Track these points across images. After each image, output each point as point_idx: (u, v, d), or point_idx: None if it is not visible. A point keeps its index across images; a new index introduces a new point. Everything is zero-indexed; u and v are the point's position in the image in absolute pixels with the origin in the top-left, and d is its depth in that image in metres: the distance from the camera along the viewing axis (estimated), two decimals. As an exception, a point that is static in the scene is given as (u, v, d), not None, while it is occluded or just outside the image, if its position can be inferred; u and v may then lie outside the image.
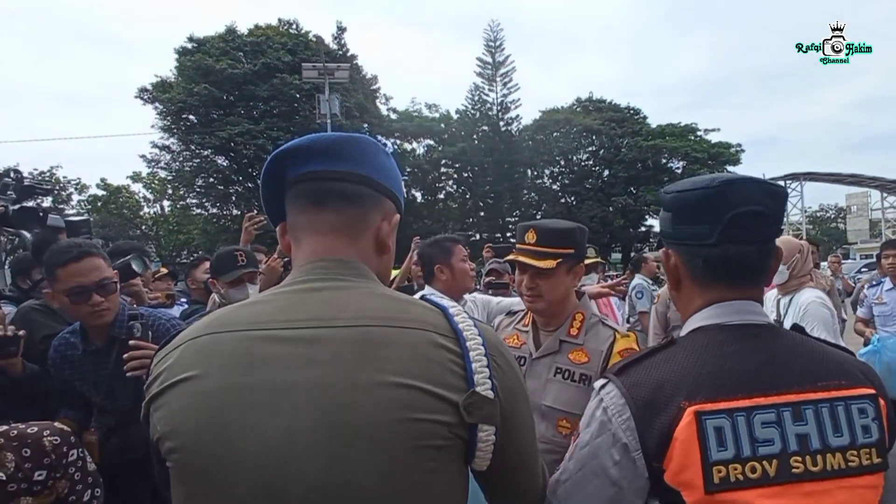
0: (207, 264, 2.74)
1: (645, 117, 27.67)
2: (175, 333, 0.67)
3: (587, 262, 3.43)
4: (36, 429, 1.20)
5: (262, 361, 0.59)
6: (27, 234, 2.05)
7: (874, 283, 3.95)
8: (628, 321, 4.83)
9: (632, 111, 27.69)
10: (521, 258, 1.42)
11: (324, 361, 0.58)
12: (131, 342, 1.53)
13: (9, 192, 1.97)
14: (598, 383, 0.80)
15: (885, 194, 29.57)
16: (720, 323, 0.78)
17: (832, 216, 46.46)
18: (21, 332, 1.63)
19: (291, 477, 0.55)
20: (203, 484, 0.58)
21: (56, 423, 1.26)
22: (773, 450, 0.69)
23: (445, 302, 0.69)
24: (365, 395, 0.57)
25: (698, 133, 26.66)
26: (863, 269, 16.20)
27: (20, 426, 1.19)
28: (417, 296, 0.96)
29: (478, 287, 3.14)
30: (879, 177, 29.59)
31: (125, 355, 1.51)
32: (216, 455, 0.57)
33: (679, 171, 26.66)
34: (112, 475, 1.48)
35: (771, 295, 2.66)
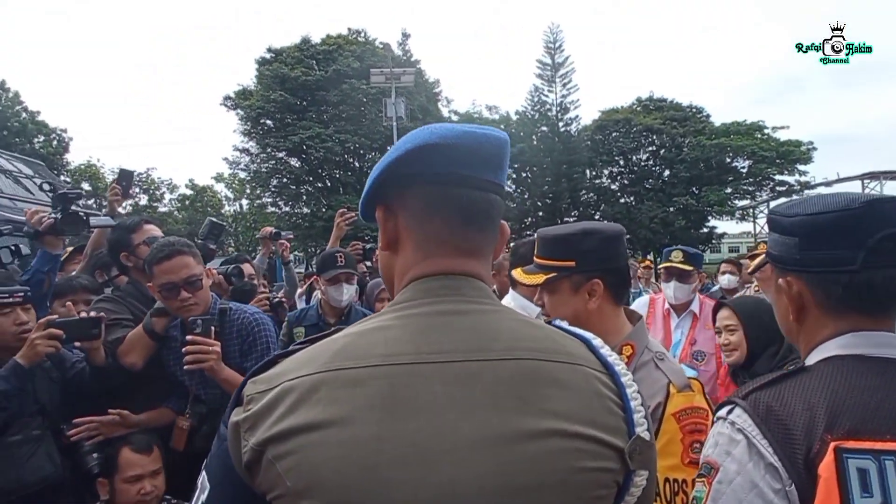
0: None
1: (708, 116, 27.02)
2: (277, 356, 0.60)
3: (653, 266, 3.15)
4: None
5: (413, 405, 0.53)
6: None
7: None
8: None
9: (694, 110, 27.09)
10: (515, 272, 1.25)
11: (483, 405, 0.54)
12: (188, 337, 1.64)
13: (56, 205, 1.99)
14: (722, 410, 0.73)
15: (976, 195, 27.33)
16: (859, 354, 0.71)
17: (915, 217, 42.97)
18: (102, 315, 1.69)
19: None
20: None
21: None
22: None
23: (581, 331, 0.64)
24: (532, 445, 0.53)
25: (766, 131, 25.71)
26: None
27: None
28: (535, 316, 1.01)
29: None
30: (969, 176, 27.42)
31: (182, 349, 1.63)
32: None
33: (744, 171, 25.93)
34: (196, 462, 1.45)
35: None
